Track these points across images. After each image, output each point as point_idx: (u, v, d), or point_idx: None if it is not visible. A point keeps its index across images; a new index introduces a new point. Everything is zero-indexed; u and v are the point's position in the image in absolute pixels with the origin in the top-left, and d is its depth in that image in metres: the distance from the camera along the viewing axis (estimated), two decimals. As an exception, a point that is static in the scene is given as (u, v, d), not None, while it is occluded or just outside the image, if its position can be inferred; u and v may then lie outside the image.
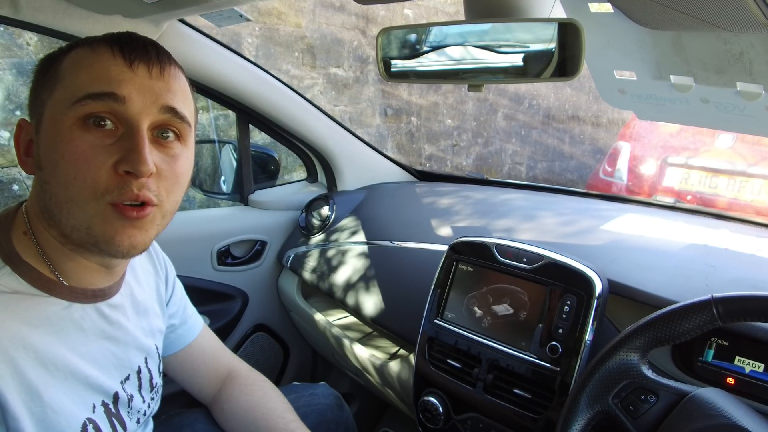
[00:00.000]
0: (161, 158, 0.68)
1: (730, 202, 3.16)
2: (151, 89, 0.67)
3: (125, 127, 0.66)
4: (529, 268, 1.03)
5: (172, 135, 0.70)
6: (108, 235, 0.65)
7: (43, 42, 2.40)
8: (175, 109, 0.69)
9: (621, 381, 0.74)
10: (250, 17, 1.22)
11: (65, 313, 0.70)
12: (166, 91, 0.68)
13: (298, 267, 1.59)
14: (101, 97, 0.64)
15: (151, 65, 0.68)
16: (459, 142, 4.85)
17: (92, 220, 0.65)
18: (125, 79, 0.65)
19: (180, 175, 0.71)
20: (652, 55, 0.88)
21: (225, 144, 1.77)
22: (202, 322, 1.07)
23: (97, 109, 0.64)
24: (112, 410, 0.75)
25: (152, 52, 0.69)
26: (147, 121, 0.67)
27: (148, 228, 0.68)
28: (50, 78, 0.68)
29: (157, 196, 0.67)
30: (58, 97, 0.66)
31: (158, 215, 0.69)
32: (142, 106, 0.66)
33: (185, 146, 0.72)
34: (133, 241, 0.67)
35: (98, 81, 0.65)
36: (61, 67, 0.68)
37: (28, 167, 0.70)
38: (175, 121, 0.69)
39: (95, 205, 0.64)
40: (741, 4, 0.54)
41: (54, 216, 0.66)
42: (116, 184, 0.64)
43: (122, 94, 0.65)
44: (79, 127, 0.64)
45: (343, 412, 1.17)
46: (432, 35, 0.84)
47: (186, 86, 0.73)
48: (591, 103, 5.92)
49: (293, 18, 3.55)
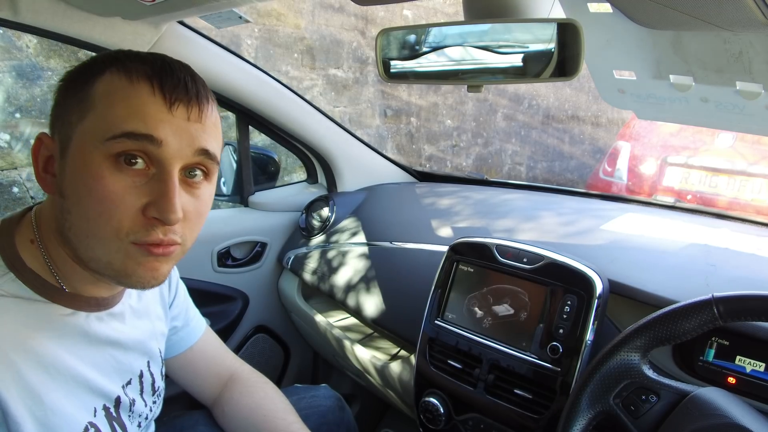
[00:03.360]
0: (188, 200, 0.67)
1: (731, 201, 3.16)
2: (187, 132, 0.65)
3: (157, 168, 0.64)
4: (529, 269, 1.03)
5: (199, 174, 0.69)
6: (130, 269, 0.65)
7: (43, 44, 2.40)
8: (208, 151, 0.67)
9: (622, 381, 0.74)
10: (250, 19, 1.22)
11: (67, 320, 0.69)
12: (202, 132, 0.66)
13: (298, 268, 1.59)
14: (137, 137, 0.62)
15: (191, 106, 0.65)
16: (459, 143, 4.86)
17: (114, 256, 0.64)
18: (164, 120, 0.63)
19: (203, 214, 0.71)
20: (652, 54, 0.88)
21: (225, 145, 1.77)
22: (204, 324, 1.07)
23: (131, 148, 0.62)
24: (113, 414, 0.75)
25: (192, 91, 0.66)
26: (180, 164, 0.65)
27: (171, 263, 0.68)
28: (81, 101, 0.65)
29: (182, 237, 0.67)
30: (90, 126, 0.63)
31: (180, 251, 0.69)
32: (178, 149, 0.64)
33: (210, 183, 0.71)
34: (155, 274, 0.66)
35: (136, 119, 0.62)
36: (93, 91, 0.64)
37: (47, 186, 0.68)
38: (207, 161, 0.68)
39: (117, 243, 0.63)
40: (740, 4, 0.54)
41: (71, 244, 0.65)
42: (142, 226, 0.63)
43: (159, 137, 0.62)
44: (111, 164, 0.62)
45: (345, 414, 1.17)
46: (431, 36, 0.84)
47: (218, 121, 0.71)
48: (591, 103, 5.92)
49: (292, 19, 3.55)
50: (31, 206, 0.73)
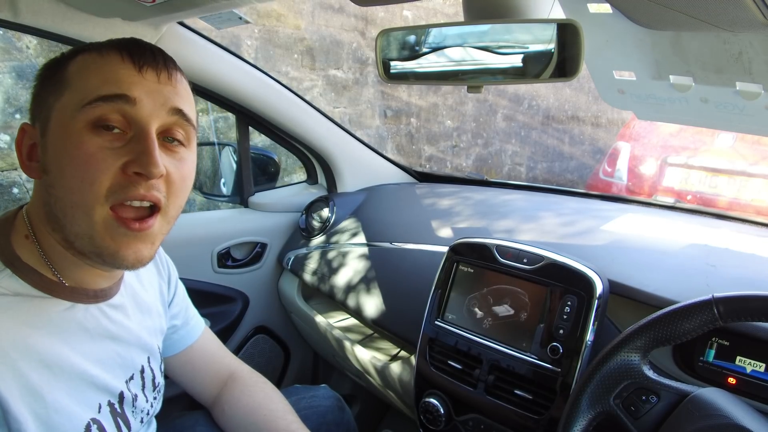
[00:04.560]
0: (169, 161, 0.69)
1: (731, 201, 3.16)
2: (160, 92, 0.68)
3: (134, 130, 0.66)
4: (529, 269, 1.03)
5: (178, 140, 0.71)
6: (112, 248, 0.66)
7: (43, 45, 2.41)
8: (182, 111, 0.70)
9: (622, 381, 0.74)
10: (250, 19, 1.22)
11: (68, 314, 0.70)
12: (174, 94, 0.70)
13: (298, 269, 1.59)
14: (112, 99, 0.65)
15: (159, 70, 0.69)
16: (459, 143, 4.86)
17: (95, 228, 0.65)
18: (135, 82, 0.66)
19: (186, 179, 0.72)
20: (652, 55, 0.88)
21: (225, 146, 1.77)
22: (203, 323, 1.07)
23: (107, 111, 0.65)
24: (118, 410, 0.76)
25: (159, 58, 0.70)
26: (156, 123, 0.67)
27: (153, 240, 0.69)
28: (56, 82, 0.68)
29: (164, 197, 0.68)
30: (67, 100, 0.66)
31: (163, 223, 0.70)
32: (152, 109, 0.67)
33: (190, 150, 0.73)
34: (138, 255, 0.68)
35: (109, 83, 0.65)
36: (67, 71, 0.68)
37: (32, 171, 0.70)
38: (183, 123, 0.71)
39: (100, 210, 0.64)
40: (740, 4, 0.54)
41: (59, 221, 0.66)
42: (122, 184, 0.64)
43: (133, 95, 0.65)
44: (89, 131, 0.64)
45: (345, 414, 1.17)
46: (431, 36, 0.84)
47: (190, 92, 0.74)
48: (590, 104, 5.93)
49: (292, 20, 3.55)
50: (23, 204, 0.74)
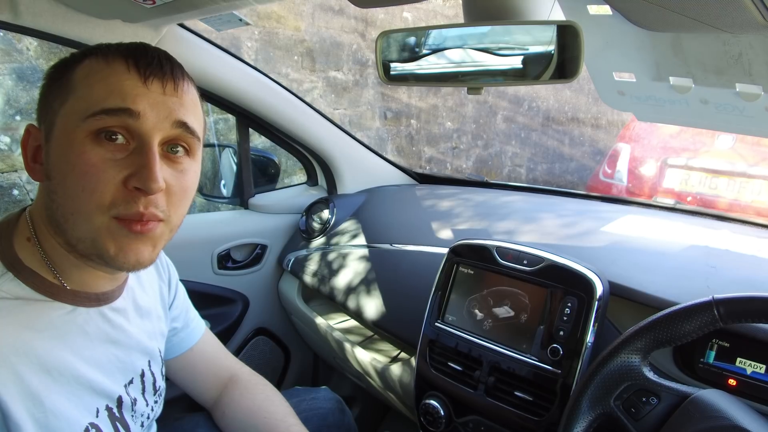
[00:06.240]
0: (170, 173, 0.69)
1: (731, 203, 3.16)
2: (164, 105, 0.67)
3: (137, 142, 0.66)
4: (529, 270, 1.03)
5: (181, 150, 0.70)
6: (114, 250, 0.65)
7: (43, 47, 2.41)
8: (186, 124, 0.69)
9: (622, 383, 0.74)
10: (250, 21, 1.22)
11: (69, 318, 0.70)
12: (179, 106, 0.69)
13: (298, 270, 1.59)
14: (116, 112, 0.64)
15: (165, 80, 0.68)
16: (459, 145, 4.86)
17: (97, 232, 0.65)
18: (140, 94, 0.65)
19: (188, 190, 0.72)
20: (651, 56, 0.88)
21: (225, 148, 1.77)
22: (204, 325, 1.07)
23: (111, 124, 0.64)
24: (116, 414, 0.75)
25: (166, 67, 0.69)
26: (159, 136, 0.67)
27: (155, 243, 0.69)
28: (62, 87, 0.67)
29: (164, 212, 0.68)
30: (71, 108, 0.66)
31: (165, 230, 0.70)
32: (155, 122, 0.66)
33: (194, 160, 0.73)
34: (139, 257, 0.67)
35: (113, 96, 0.65)
36: (73, 76, 0.67)
37: (36, 174, 0.70)
38: (186, 136, 0.70)
39: (101, 218, 0.64)
40: (740, 5, 0.54)
41: (60, 226, 0.66)
42: (123, 198, 0.64)
43: (137, 109, 0.65)
44: (91, 140, 0.64)
45: (345, 416, 1.17)
46: (431, 38, 0.84)
47: (197, 99, 0.73)
48: (590, 105, 5.93)
49: (292, 21, 3.56)
50: (26, 206, 0.74)
